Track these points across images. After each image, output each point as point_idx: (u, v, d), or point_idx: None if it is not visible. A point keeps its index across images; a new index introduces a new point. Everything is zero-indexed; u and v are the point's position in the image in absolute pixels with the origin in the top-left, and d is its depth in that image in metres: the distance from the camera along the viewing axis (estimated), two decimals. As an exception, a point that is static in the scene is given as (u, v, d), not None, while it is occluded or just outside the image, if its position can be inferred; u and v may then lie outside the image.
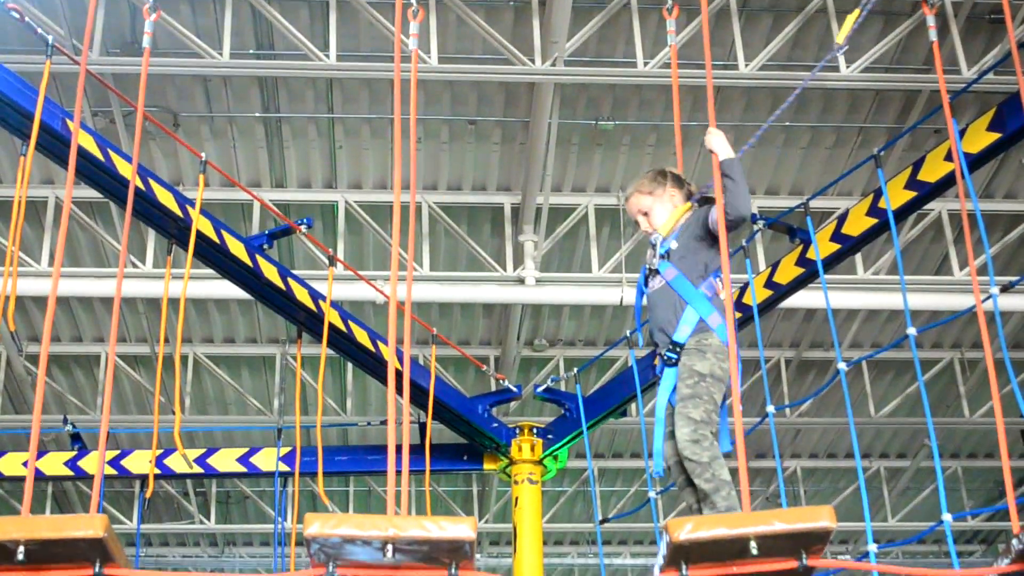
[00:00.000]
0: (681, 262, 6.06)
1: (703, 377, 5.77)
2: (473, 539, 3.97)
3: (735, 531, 3.96)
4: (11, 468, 11.85)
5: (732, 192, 5.77)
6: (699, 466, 5.59)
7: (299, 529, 12.62)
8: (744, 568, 4.04)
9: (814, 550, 4.04)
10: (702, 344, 5.86)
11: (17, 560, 3.89)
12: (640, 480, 16.56)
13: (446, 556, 4.00)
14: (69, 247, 12.71)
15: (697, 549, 3.99)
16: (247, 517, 17.45)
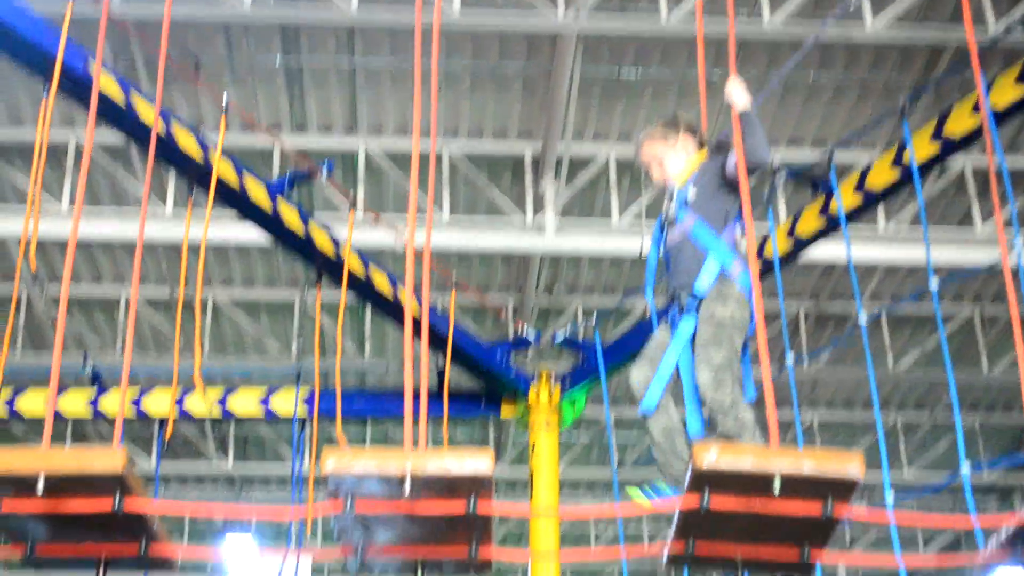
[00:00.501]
0: (701, 210, 6.00)
1: (723, 324, 5.71)
2: (490, 472, 3.97)
3: (760, 467, 3.92)
4: (32, 407, 11.95)
5: (751, 139, 5.70)
6: (722, 409, 5.54)
7: (316, 472, 12.71)
8: (767, 507, 4.00)
9: (841, 498, 4.00)
10: (723, 292, 5.80)
11: (38, 492, 3.92)
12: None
13: (465, 491, 4.01)
14: (90, 190, 12.72)
15: (720, 478, 3.96)
16: (264, 459, 17.53)
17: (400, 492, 3.93)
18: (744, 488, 4.00)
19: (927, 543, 19.53)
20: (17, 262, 7.08)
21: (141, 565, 4.44)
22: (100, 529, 4.21)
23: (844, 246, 8.42)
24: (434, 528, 4.19)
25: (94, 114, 5.08)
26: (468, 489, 4.01)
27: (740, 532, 4.23)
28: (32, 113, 11.98)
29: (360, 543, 4.21)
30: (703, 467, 3.94)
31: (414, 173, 5.04)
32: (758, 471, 3.93)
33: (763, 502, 4.01)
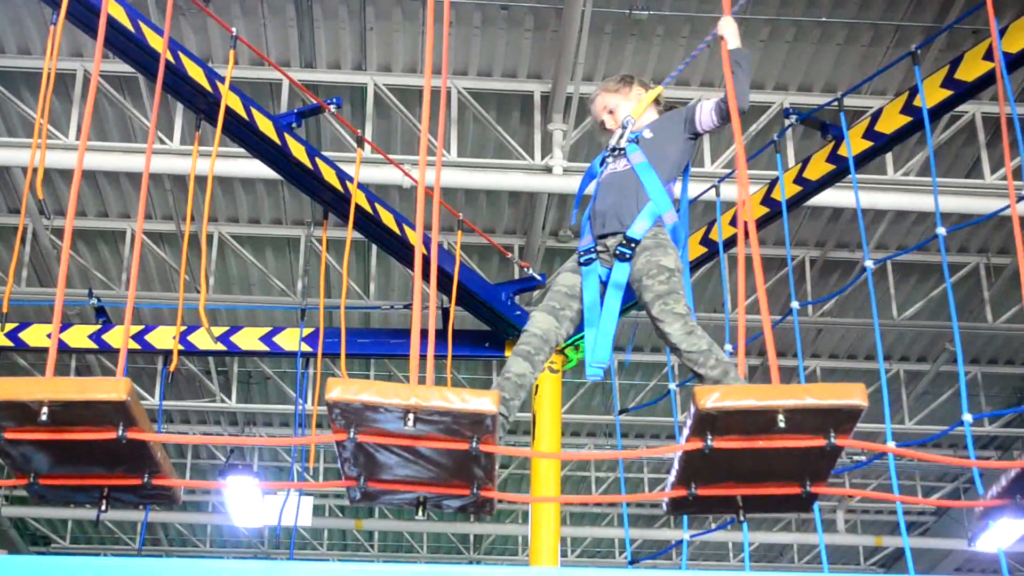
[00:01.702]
0: (652, 151, 5.97)
1: (672, 272, 5.64)
2: (495, 412, 3.96)
3: (764, 403, 3.91)
4: (36, 339, 11.95)
5: (739, 80, 5.64)
6: (701, 355, 5.46)
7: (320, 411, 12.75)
8: (771, 442, 4.00)
9: (843, 429, 4.01)
10: (659, 239, 5.74)
11: (41, 421, 3.91)
12: (660, 374, 16.61)
13: (468, 429, 4.00)
14: (96, 121, 12.69)
15: (724, 419, 3.96)
16: (268, 398, 17.58)
17: (403, 425, 3.93)
18: (747, 428, 4.00)
19: (927, 496, 19.62)
20: (23, 193, 7.06)
21: (144, 496, 4.44)
22: (104, 460, 4.21)
23: (852, 192, 8.40)
24: (436, 465, 4.19)
25: (102, 42, 5.04)
26: (471, 428, 4.01)
27: (741, 472, 4.24)
28: (40, 42, 11.94)
29: (362, 473, 4.21)
30: (706, 408, 3.93)
31: (425, 113, 5.00)
32: (761, 408, 3.93)
33: (766, 439, 4.01)
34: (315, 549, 22.28)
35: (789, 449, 4.04)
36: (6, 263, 14.45)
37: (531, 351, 5.67)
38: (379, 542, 22.67)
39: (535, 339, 5.73)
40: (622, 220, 5.78)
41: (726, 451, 4.04)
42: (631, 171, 5.90)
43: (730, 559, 22.29)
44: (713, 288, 14.79)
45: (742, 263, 4.66)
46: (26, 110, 12.27)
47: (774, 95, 12.31)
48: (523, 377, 5.59)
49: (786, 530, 20.57)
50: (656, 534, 20.08)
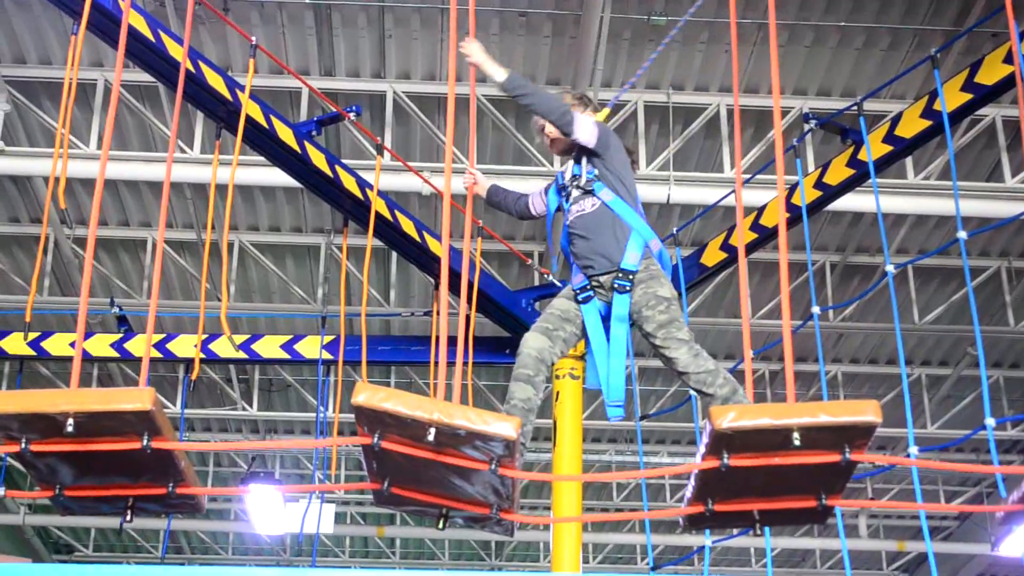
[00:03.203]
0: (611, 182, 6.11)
1: (670, 301, 5.84)
2: (516, 439, 4.00)
3: (779, 421, 3.94)
4: (58, 349, 12.02)
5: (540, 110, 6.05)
6: (709, 375, 5.62)
7: (342, 418, 12.77)
8: (786, 459, 4.02)
9: (858, 444, 4.02)
10: (651, 270, 5.93)
11: (67, 432, 3.93)
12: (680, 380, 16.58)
13: (488, 452, 4.04)
14: (117, 130, 12.73)
15: (740, 438, 3.98)
16: (289, 405, 17.61)
17: (425, 439, 3.96)
18: (762, 445, 4.02)
19: (949, 500, 19.55)
20: (45, 202, 7.09)
21: (169, 505, 4.46)
22: (128, 470, 4.22)
23: (872, 197, 8.39)
24: (457, 481, 4.22)
25: (123, 52, 5.07)
26: (491, 451, 4.04)
27: (757, 488, 4.26)
28: (61, 52, 12.00)
29: (386, 478, 4.23)
30: (721, 428, 3.96)
31: (450, 119, 5.02)
32: (776, 427, 3.96)
33: (782, 456, 4.03)
34: (337, 556, 22.30)
35: (805, 464, 4.06)
36: (28, 273, 14.51)
37: (531, 374, 5.83)
38: (400, 549, 22.67)
39: (532, 360, 5.89)
40: (610, 258, 5.96)
41: (742, 468, 4.06)
42: (602, 208, 6.08)
43: (752, 564, 22.24)
44: (732, 294, 14.77)
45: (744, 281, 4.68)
46: (47, 120, 12.32)
47: (793, 100, 12.29)
48: (528, 401, 5.74)
49: (808, 535, 20.51)
50: (678, 540, 20.03)
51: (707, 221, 12.91)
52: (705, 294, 14.51)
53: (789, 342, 4.47)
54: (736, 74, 5.65)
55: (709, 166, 12.86)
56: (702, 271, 10.88)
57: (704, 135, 12.67)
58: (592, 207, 6.10)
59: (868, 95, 9.34)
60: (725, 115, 12.43)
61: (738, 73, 6.01)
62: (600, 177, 6.09)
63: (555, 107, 6.04)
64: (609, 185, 6.07)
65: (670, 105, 12.44)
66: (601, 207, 6.06)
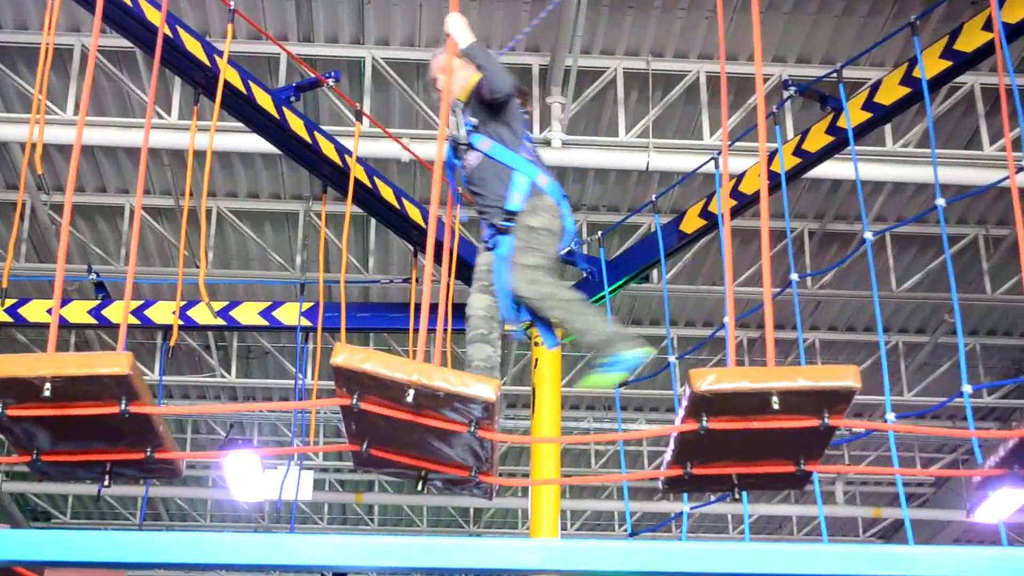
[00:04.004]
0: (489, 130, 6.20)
1: (537, 231, 5.98)
2: (494, 401, 4.01)
3: (758, 385, 3.96)
4: (35, 315, 11.99)
5: (487, 75, 6.03)
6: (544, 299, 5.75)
7: (320, 385, 12.77)
8: (765, 423, 4.05)
9: (837, 410, 4.04)
10: (535, 205, 6.05)
11: (44, 397, 3.92)
12: (659, 347, 16.61)
13: (467, 413, 4.04)
14: (94, 96, 12.65)
15: (719, 401, 4.00)
16: (267, 373, 17.59)
17: (404, 400, 3.96)
18: (741, 409, 4.04)
19: (925, 467, 19.65)
20: (22, 169, 7.05)
21: (147, 470, 4.46)
22: (106, 435, 4.23)
23: (851, 164, 8.41)
24: (436, 443, 4.23)
25: (100, 17, 5.04)
26: (471, 412, 4.05)
27: (736, 452, 4.28)
28: (37, 17, 11.90)
29: (365, 439, 4.24)
30: (700, 391, 3.98)
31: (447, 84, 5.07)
32: (755, 390, 3.97)
33: (760, 420, 4.05)
34: (315, 523, 22.34)
35: (783, 429, 4.08)
36: (5, 239, 14.44)
37: (484, 332, 6.12)
38: (379, 516, 22.73)
39: (481, 320, 6.12)
40: (500, 204, 6.08)
41: (721, 432, 4.08)
42: (484, 158, 6.18)
43: (730, 531, 22.36)
44: (711, 261, 14.79)
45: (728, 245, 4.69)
46: (24, 85, 12.25)
47: (772, 67, 12.27)
48: (489, 359, 5.97)
49: (785, 502, 20.60)
50: (656, 506, 20.12)
51: (686, 188, 12.90)
52: (684, 261, 14.53)
53: (770, 307, 4.48)
54: (723, 40, 5.63)
55: (688, 133, 12.85)
56: (681, 238, 10.89)
57: (684, 102, 12.66)
58: (476, 160, 6.25)
59: (847, 62, 9.35)
60: (705, 82, 12.42)
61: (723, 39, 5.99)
62: (479, 127, 6.16)
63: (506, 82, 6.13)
64: (488, 134, 6.15)
65: (649, 72, 12.42)
66: (484, 158, 6.18)
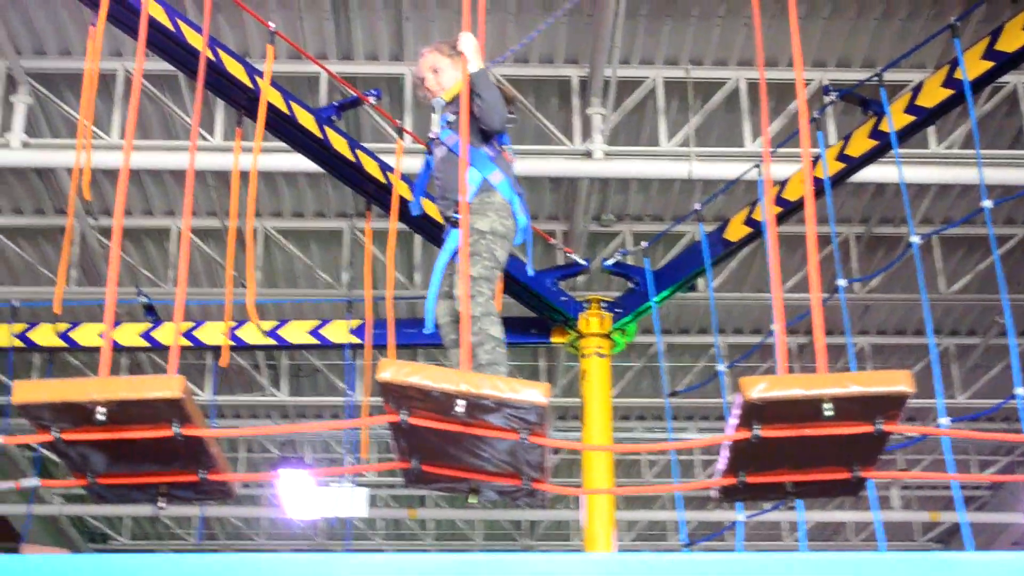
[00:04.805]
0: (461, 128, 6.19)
1: (483, 234, 6.00)
2: (546, 404, 3.99)
3: (810, 392, 3.93)
4: (87, 339, 12.10)
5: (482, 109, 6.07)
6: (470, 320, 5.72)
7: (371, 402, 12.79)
8: (818, 430, 4.01)
9: (890, 415, 4.01)
10: (484, 203, 6.09)
11: (97, 421, 3.96)
12: (708, 355, 16.56)
13: (518, 420, 4.03)
14: (139, 120, 12.69)
15: (770, 409, 3.97)
16: (318, 390, 17.64)
17: (453, 411, 3.96)
18: (793, 416, 4.01)
19: (982, 470, 19.47)
20: (70, 194, 7.11)
21: (200, 492, 4.49)
22: (160, 458, 4.26)
23: (895, 168, 8.37)
24: (487, 453, 4.22)
25: (143, 42, 5.08)
26: (522, 419, 4.03)
27: (790, 459, 4.25)
28: (80, 44, 12.02)
29: (415, 456, 4.24)
30: (751, 399, 3.95)
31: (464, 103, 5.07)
32: (807, 397, 3.94)
33: (813, 427, 4.02)
34: (369, 539, 22.37)
35: (837, 436, 4.04)
36: (55, 264, 14.57)
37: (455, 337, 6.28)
38: (433, 531, 22.73)
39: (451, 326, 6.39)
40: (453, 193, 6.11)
41: (774, 440, 4.05)
42: (448, 152, 6.28)
43: (785, 538, 22.23)
44: (757, 268, 14.74)
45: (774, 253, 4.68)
46: (69, 111, 12.37)
47: (813, 72, 12.23)
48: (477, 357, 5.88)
49: (841, 508, 20.47)
50: (710, 516, 20.02)
51: (729, 196, 12.87)
52: (730, 268, 14.48)
53: (819, 313, 4.45)
54: (760, 47, 5.62)
55: (730, 140, 12.82)
56: (726, 246, 10.87)
57: (725, 109, 12.63)
58: (442, 154, 6.38)
59: (888, 65, 9.31)
60: (745, 89, 12.39)
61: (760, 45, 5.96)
62: (452, 124, 6.22)
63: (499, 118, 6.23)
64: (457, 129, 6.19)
65: (689, 80, 12.41)
66: (448, 152, 6.30)
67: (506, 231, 6.10)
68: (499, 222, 6.05)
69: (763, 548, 21.98)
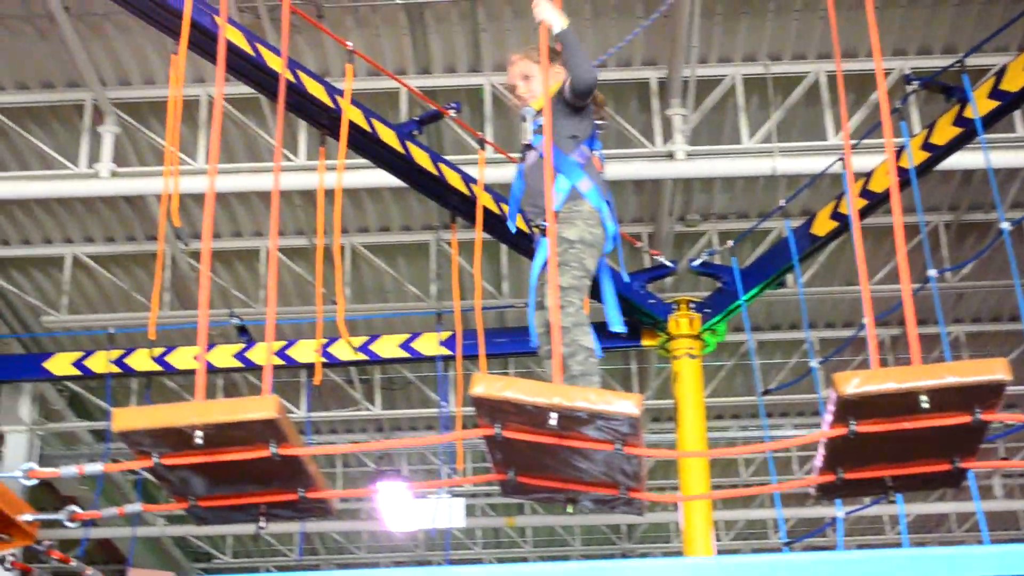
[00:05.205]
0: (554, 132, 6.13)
1: (572, 244, 5.95)
2: (638, 416, 3.99)
3: (905, 385, 3.89)
4: (182, 362, 12.26)
5: (570, 64, 6.02)
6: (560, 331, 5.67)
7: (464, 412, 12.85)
8: (915, 423, 3.97)
9: (988, 404, 3.95)
10: (572, 211, 6.04)
11: (196, 445, 4.02)
12: (799, 351, 16.45)
13: (612, 431, 4.03)
14: (223, 144, 12.90)
15: (866, 404, 3.93)
16: (411, 403, 17.73)
17: (547, 424, 3.97)
18: (889, 410, 3.97)
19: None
20: (160, 220, 7.22)
21: (300, 510, 4.54)
22: (258, 478, 4.31)
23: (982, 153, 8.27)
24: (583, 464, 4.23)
25: (223, 68, 5.15)
26: (616, 430, 4.03)
27: (888, 454, 4.21)
28: (163, 72, 12.20)
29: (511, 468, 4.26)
30: (845, 395, 3.92)
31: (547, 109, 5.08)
32: (902, 391, 3.90)
33: (910, 420, 3.97)
34: (468, 549, 22.43)
35: (935, 428, 3.99)
36: (148, 290, 14.78)
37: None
38: (532, 538, 22.74)
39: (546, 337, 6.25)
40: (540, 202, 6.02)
41: (871, 435, 4.01)
42: (539, 159, 6.17)
43: (887, 532, 21.99)
44: (845, 262, 14.61)
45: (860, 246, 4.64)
46: (154, 138, 12.55)
47: (893, 61, 12.11)
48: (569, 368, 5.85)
49: (942, 500, 20.22)
50: (809, 512, 19.87)
51: (815, 190, 12.77)
52: (819, 263, 14.36)
53: (910, 305, 4.42)
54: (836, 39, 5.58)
55: (813, 134, 12.73)
56: (813, 241, 10.79)
57: (806, 103, 12.55)
58: (532, 160, 6.31)
59: (970, 51, 9.19)
60: (825, 82, 12.30)
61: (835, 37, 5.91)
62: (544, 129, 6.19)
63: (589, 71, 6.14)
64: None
65: (768, 76, 12.35)
66: (538, 158, 6.22)
67: (594, 239, 6.07)
68: (587, 231, 6.02)
69: (865, 543, 21.78)
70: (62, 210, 14.05)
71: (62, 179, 12.45)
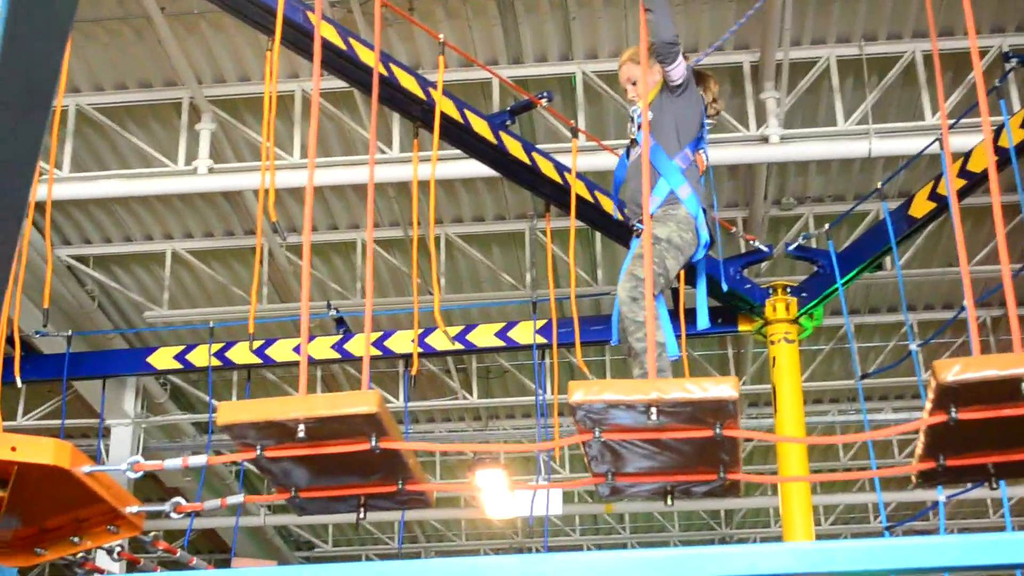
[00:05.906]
0: (657, 133, 6.25)
1: (659, 240, 6.01)
2: (736, 398, 3.99)
3: (1006, 372, 3.84)
4: (282, 355, 12.40)
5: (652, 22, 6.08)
6: (633, 324, 5.68)
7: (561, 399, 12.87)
8: (1018, 410, 3.92)
9: (1097, 388, 3.89)
10: (668, 214, 6.11)
11: (299, 437, 4.07)
12: (898, 334, 16.28)
13: (710, 416, 4.03)
14: (319, 138, 13.02)
15: (966, 391, 3.89)
16: (508, 390, 17.79)
17: (646, 420, 3.98)
18: (990, 397, 3.92)
19: None
20: (257, 215, 7.31)
21: (399, 501, 4.58)
22: (359, 470, 4.35)
23: (1084, 131, 8.15)
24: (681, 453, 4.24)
25: (318, 63, 5.20)
26: (713, 415, 4.03)
27: (990, 440, 4.16)
28: (258, 68, 12.34)
29: (609, 470, 4.28)
30: (945, 382, 3.88)
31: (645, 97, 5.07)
32: (1003, 377, 3.85)
33: (1012, 407, 3.93)
34: (567, 536, 22.48)
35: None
36: (247, 284, 14.96)
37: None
38: (630, 524, 22.75)
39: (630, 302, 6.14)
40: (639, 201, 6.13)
41: (972, 422, 3.97)
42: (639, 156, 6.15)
43: (990, 515, 21.71)
44: (944, 243, 14.43)
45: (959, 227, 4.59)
46: (251, 134, 12.69)
47: (991, 38, 11.93)
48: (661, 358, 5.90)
49: (1046, 481, 19.94)
50: (910, 496, 19.66)
51: (912, 171, 12.63)
52: (916, 245, 14.20)
53: (1010, 287, 4.36)
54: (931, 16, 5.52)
55: (909, 115, 12.58)
56: (911, 223, 10.66)
57: (902, 83, 12.41)
58: (636, 157, 6.31)
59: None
60: (921, 61, 12.16)
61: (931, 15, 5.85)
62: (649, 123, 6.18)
63: (672, 32, 6.19)
64: (653, 134, 6.15)
65: (863, 57, 12.22)
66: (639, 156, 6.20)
67: (683, 243, 6.10)
68: (678, 234, 6.07)
69: (967, 527, 21.53)
70: (161, 207, 14.26)
71: (161, 176, 12.64)
